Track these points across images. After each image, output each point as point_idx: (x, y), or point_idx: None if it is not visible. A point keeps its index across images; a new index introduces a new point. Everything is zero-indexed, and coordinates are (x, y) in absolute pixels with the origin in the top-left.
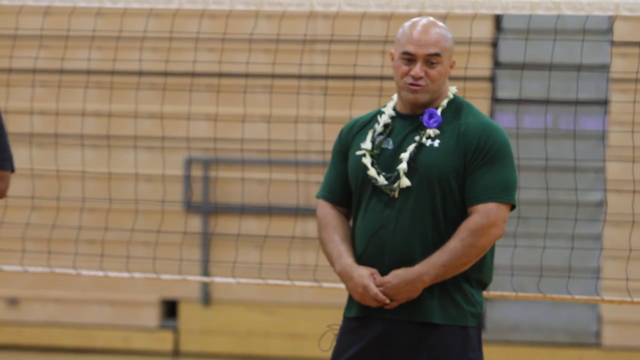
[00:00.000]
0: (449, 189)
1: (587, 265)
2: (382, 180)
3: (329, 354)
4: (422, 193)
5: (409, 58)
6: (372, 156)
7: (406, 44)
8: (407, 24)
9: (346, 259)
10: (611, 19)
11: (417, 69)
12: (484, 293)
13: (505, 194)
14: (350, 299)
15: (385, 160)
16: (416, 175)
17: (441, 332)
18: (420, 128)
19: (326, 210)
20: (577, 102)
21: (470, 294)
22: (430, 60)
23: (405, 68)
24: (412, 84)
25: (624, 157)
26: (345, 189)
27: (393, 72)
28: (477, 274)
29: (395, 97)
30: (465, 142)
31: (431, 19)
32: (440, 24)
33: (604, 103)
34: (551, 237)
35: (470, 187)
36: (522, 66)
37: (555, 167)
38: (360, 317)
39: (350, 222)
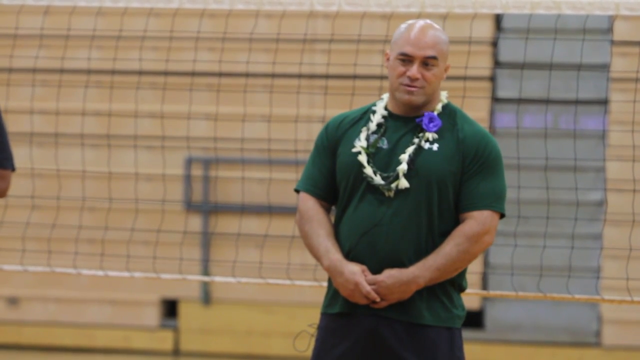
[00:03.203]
0: (445, 193)
1: (587, 264)
2: (378, 179)
3: (308, 353)
4: (419, 195)
5: (406, 59)
6: (367, 154)
7: (404, 44)
8: (403, 25)
9: (335, 254)
10: (611, 19)
11: (414, 70)
12: (484, 292)
13: (498, 203)
14: (334, 295)
15: (381, 160)
16: (415, 177)
17: (429, 331)
18: (416, 130)
19: (309, 204)
20: (577, 102)
21: (455, 297)
22: (427, 62)
23: (401, 69)
24: (408, 85)
25: (624, 156)
26: (329, 184)
27: (388, 72)
28: (459, 279)
29: (385, 96)
30: (465, 148)
31: (428, 21)
32: (437, 26)
33: (604, 102)
34: (551, 236)
35: (466, 193)
36: (522, 65)
37: (555, 167)
38: (345, 313)
39: (332, 218)
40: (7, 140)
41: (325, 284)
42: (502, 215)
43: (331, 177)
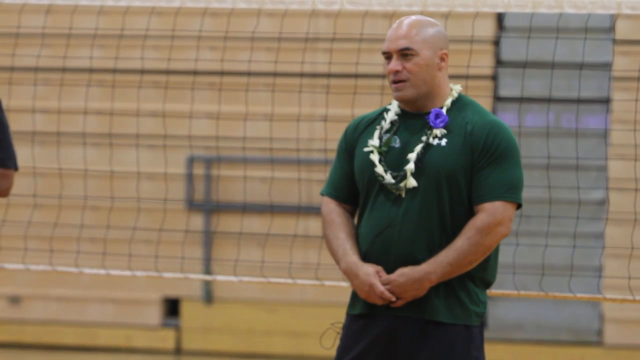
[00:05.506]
0: (456, 188)
1: (589, 263)
2: (389, 178)
3: (331, 352)
4: (429, 193)
5: (387, 56)
6: (379, 153)
7: (384, 43)
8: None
9: (351, 256)
10: (613, 18)
11: (392, 64)
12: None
13: (511, 193)
14: (354, 296)
15: (393, 158)
16: (424, 175)
17: (445, 330)
18: (426, 127)
19: (331, 207)
20: (579, 101)
21: (475, 293)
22: (404, 53)
23: (386, 67)
24: (394, 82)
25: (626, 155)
26: (351, 186)
27: None
28: (481, 273)
29: None
30: (473, 140)
31: (413, 16)
32: (420, 18)
33: (606, 101)
34: (553, 235)
35: (477, 185)
36: (524, 64)
37: (557, 166)
38: (365, 314)
39: (355, 220)
40: (10, 139)
41: (327, 283)
42: (519, 206)
43: (351, 179)
